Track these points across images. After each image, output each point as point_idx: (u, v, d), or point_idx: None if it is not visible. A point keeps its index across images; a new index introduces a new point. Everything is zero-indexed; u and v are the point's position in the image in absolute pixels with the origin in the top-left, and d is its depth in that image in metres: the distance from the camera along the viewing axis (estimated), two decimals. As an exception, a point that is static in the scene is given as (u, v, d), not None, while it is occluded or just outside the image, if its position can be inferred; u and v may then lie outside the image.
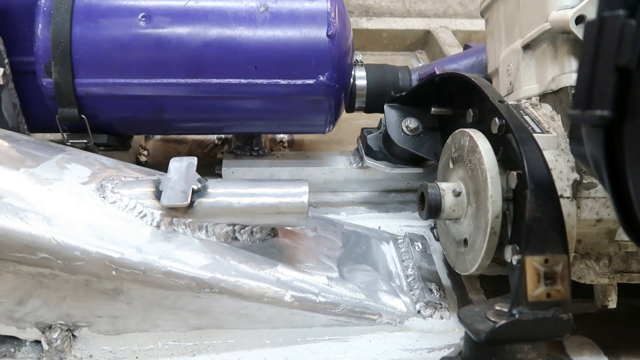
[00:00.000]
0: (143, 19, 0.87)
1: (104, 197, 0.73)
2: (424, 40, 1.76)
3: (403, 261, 0.91)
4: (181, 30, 0.88)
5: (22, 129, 0.96)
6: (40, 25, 0.86)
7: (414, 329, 0.80)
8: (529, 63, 0.80)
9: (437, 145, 0.99)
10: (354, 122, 1.32)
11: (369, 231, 0.97)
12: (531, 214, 0.57)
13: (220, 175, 1.09)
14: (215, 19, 0.88)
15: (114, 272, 0.68)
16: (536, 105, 0.77)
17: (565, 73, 0.73)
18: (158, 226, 0.73)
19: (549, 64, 0.76)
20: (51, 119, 0.94)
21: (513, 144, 0.69)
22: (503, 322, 0.55)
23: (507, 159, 0.72)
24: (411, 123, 1.00)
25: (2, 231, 0.65)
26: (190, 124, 0.99)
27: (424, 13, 1.83)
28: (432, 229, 1.02)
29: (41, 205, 0.68)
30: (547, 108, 0.76)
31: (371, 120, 1.22)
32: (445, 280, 0.90)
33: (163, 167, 0.93)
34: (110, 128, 0.96)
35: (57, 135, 1.09)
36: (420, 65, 1.70)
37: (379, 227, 1.02)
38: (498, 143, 0.74)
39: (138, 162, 1.17)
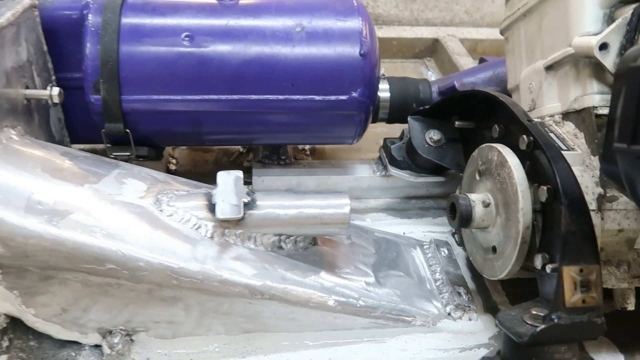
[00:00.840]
0: (186, 38, 0.92)
1: (161, 210, 0.78)
2: (432, 48, 1.82)
3: (430, 266, 0.97)
4: (222, 49, 0.92)
5: (66, 142, 1.00)
6: (88, 45, 0.90)
7: (446, 330, 0.86)
8: (551, 83, 0.86)
9: (459, 156, 1.05)
10: (371, 131, 1.37)
11: (397, 237, 1.03)
12: (566, 228, 0.63)
13: (248, 183, 1.14)
14: (254, 39, 0.93)
15: (174, 281, 0.74)
16: (559, 123, 0.83)
17: (588, 94, 0.79)
18: (212, 237, 0.78)
19: (571, 85, 0.82)
20: (91, 131, 0.98)
21: (541, 160, 0.75)
22: (544, 326, 0.61)
23: (534, 173, 0.78)
24: (434, 135, 1.05)
25: (74, 245, 0.70)
26: (226, 136, 1.04)
27: (431, 21, 1.89)
28: (453, 234, 1.09)
29: (107, 220, 0.73)
30: (570, 126, 0.82)
31: (387, 128, 1.28)
32: (470, 284, 0.96)
33: (191, 175, 0.99)
34: (149, 140, 1.01)
35: (87, 146, 1.14)
36: (430, 73, 1.76)
37: (404, 233, 1.08)
38: (524, 158, 0.80)
39: (168, 171, 1.22)
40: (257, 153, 1.21)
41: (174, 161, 1.26)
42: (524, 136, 0.78)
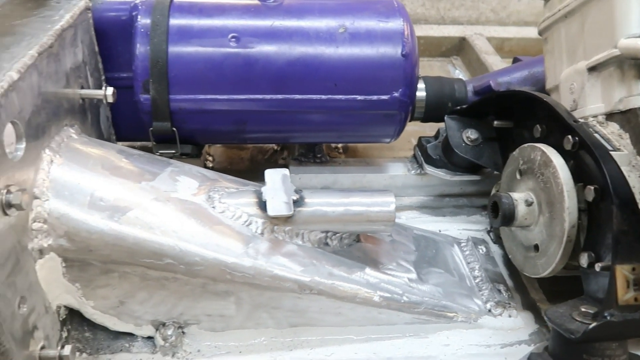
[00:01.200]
0: (233, 39, 0.94)
1: (213, 207, 0.80)
2: (459, 47, 1.82)
3: (469, 263, 0.99)
4: (268, 50, 0.94)
5: (112, 139, 1.03)
6: (138, 45, 0.93)
7: (487, 327, 0.88)
8: (594, 84, 0.87)
9: (495, 155, 1.07)
10: (403, 128, 1.39)
11: (435, 235, 1.04)
12: (618, 227, 0.64)
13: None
14: (299, 39, 0.95)
15: (228, 276, 0.76)
16: (603, 123, 0.84)
17: (633, 95, 0.80)
18: (262, 233, 0.80)
19: (615, 86, 0.83)
20: (135, 129, 1.01)
21: (587, 160, 0.77)
22: (596, 323, 0.62)
23: (578, 173, 0.79)
24: (471, 134, 1.07)
25: (134, 240, 0.72)
26: (268, 135, 1.06)
27: (458, 20, 1.90)
28: (488, 232, 1.10)
29: (164, 216, 0.75)
30: (614, 126, 0.83)
31: (418, 126, 1.30)
32: (508, 281, 0.98)
33: (228, 172, 1.00)
34: (194, 138, 1.03)
35: (124, 143, 1.16)
36: (457, 71, 1.77)
37: (439, 231, 1.09)
38: (568, 158, 0.81)
39: (205, 167, 1.24)
40: (292, 151, 1.23)
41: (210, 158, 1.28)
42: (569, 136, 0.79)
